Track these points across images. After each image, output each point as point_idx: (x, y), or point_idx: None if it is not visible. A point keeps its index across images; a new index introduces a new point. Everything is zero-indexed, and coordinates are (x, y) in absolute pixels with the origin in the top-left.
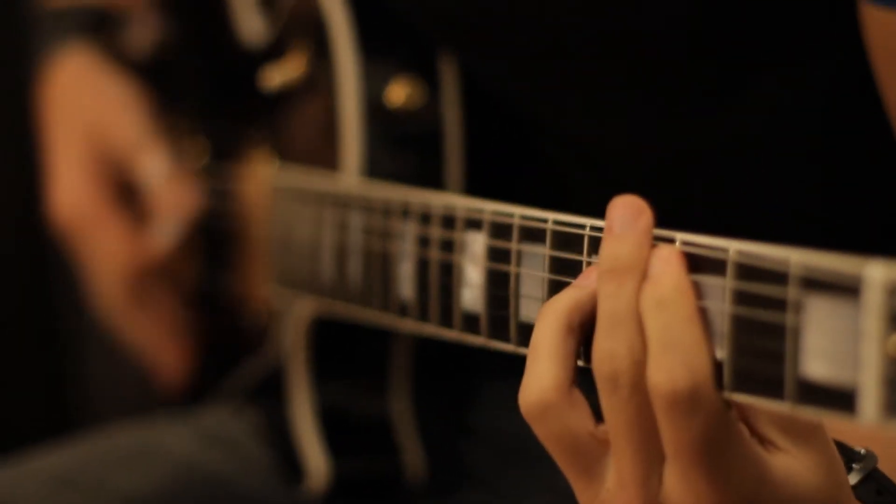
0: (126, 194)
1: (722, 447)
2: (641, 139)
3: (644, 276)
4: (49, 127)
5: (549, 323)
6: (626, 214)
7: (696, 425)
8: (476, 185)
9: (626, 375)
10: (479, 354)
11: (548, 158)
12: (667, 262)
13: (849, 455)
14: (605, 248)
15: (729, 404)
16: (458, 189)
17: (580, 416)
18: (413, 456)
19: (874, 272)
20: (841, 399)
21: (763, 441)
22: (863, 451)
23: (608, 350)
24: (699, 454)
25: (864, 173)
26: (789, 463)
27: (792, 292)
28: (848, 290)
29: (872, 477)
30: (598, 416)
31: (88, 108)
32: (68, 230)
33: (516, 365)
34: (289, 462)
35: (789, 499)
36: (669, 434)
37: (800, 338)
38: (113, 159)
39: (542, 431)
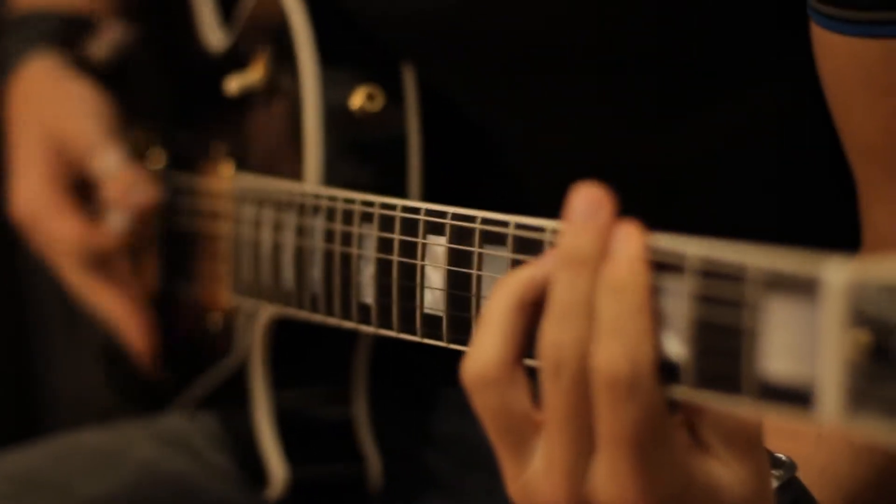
0: (84, 191)
1: (653, 444)
2: (600, 152)
3: (600, 264)
4: (11, 129)
5: (502, 296)
6: (587, 204)
7: (629, 414)
8: (435, 193)
9: (569, 364)
10: (439, 360)
11: (506, 168)
12: (625, 249)
13: (771, 460)
14: (564, 236)
15: (672, 404)
16: (419, 196)
17: (519, 394)
18: (372, 462)
19: (831, 272)
20: (799, 399)
21: (703, 447)
22: (784, 458)
23: (555, 338)
24: (630, 446)
25: (819, 189)
26: (721, 473)
27: (749, 292)
28: (805, 289)
29: (790, 486)
30: (537, 398)
31: (47, 111)
32: (25, 225)
33: None
34: (249, 467)
35: None
36: (603, 421)
37: (758, 338)
38: (70, 159)
39: (479, 403)
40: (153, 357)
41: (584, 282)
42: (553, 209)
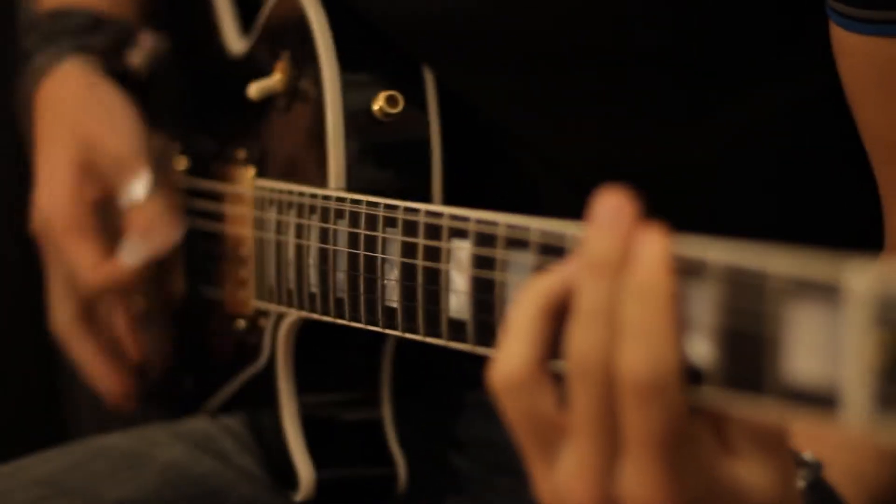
0: (106, 210)
1: (679, 446)
2: (612, 153)
3: (624, 269)
4: (39, 133)
5: (528, 302)
6: (611, 208)
7: (655, 417)
8: (457, 195)
9: (596, 368)
10: (463, 363)
11: (523, 168)
12: (649, 253)
13: (796, 461)
14: (588, 241)
15: (697, 407)
16: (441, 199)
17: (546, 397)
18: (399, 464)
19: (853, 276)
20: (825, 403)
21: (729, 448)
22: (810, 458)
23: (581, 343)
24: (656, 449)
25: (827, 190)
26: (747, 473)
27: (772, 299)
28: (828, 295)
29: (817, 486)
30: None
31: (80, 117)
32: (42, 237)
33: None
34: (276, 470)
35: None
36: (630, 425)
37: (782, 343)
38: (99, 173)
39: (507, 407)
40: (126, 398)
41: (608, 286)
42: (569, 209)
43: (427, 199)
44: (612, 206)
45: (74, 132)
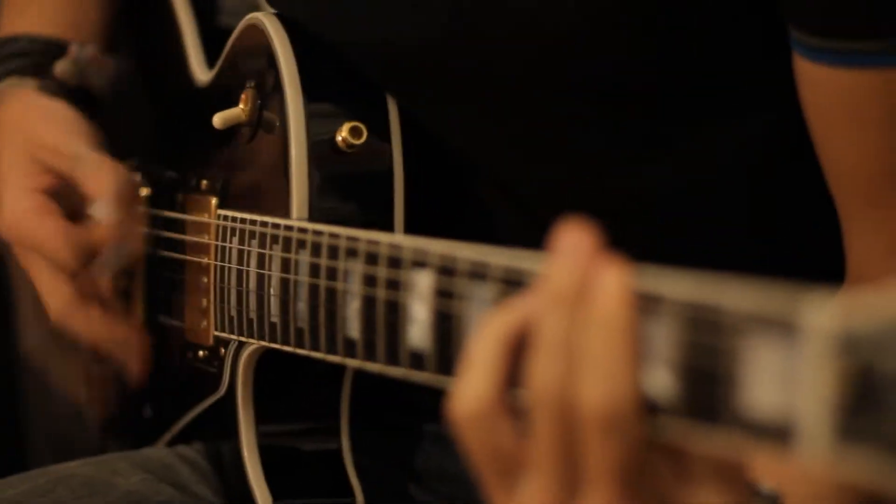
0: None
1: (639, 477)
2: (576, 185)
3: (585, 301)
4: None
5: (488, 335)
6: (572, 241)
7: (614, 449)
8: (416, 225)
9: (556, 401)
10: (420, 395)
11: (484, 199)
12: (608, 286)
13: (753, 491)
14: (549, 273)
15: (652, 437)
16: (401, 230)
17: (506, 429)
18: (357, 495)
19: (811, 313)
20: (783, 435)
21: (688, 476)
22: (768, 490)
23: (542, 376)
24: (616, 480)
25: (800, 219)
26: (706, 502)
27: (728, 334)
28: (786, 331)
29: None
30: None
31: (27, 126)
32: (11, 238)
33: None
34: (235, 499)
35: None
36: (590, 456)
37: (739, 377)
38: (49, 164)
39: (468, 440)
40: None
41: (568, 318)
42: (531, 239)
43: (389, 229)
44: (573, 238)
45: (19, 137)
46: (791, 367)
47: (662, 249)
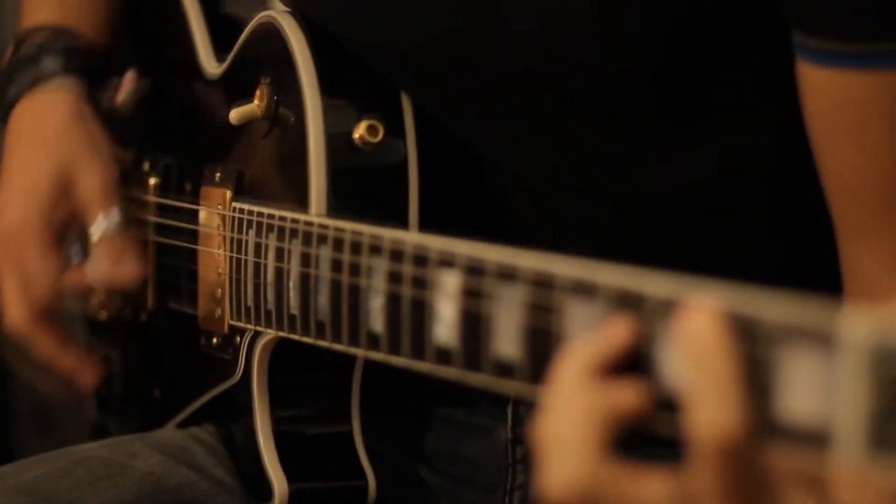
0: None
1: (762, 492)
2: (588, 181)
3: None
4: (16, 145)
5: (575, 358)
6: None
7: (740, 472)
8: (429, 220)
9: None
10: (432, 380)
11: (497, 193)
12: (705, 313)
13: None
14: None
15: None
16: (416, 226)
17: (626, 482)
18: (369, 477)
19: (850, 326)
20: (818, 443)
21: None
22: None
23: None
24: (742, 499)
25: (805, 222)
26: None
27: (766, 344)
28: (825, 343)
29: None
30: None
31: (68, 146)
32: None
33: (469, 392)
34: (250, 482)
35: None
36: (713, 479)
37: (776, 386)
38: (71, 199)
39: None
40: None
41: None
42: (544, 234)
43: (404, 223)
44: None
45: (57, 155)
46: (828, 376)
47: (667, 245)
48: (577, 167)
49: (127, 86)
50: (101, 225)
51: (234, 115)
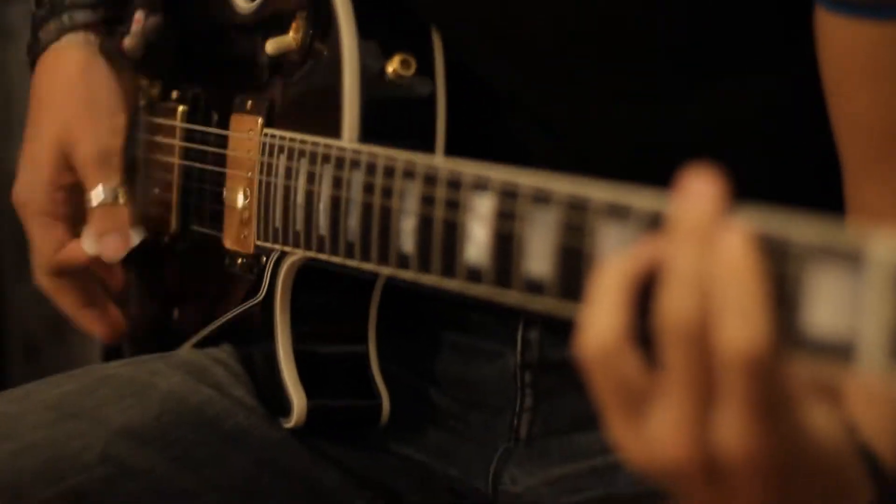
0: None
1: (776, 402)
2: (609, 125)
3: (715, 241)
4: (33, 106)
5: (615, 273)
6: (703, 183)
7: (756, 386)
8: (453, 154)
9: (692, 332)
10: (442, 305)
11: (519, 132)
12: (737, 231)
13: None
14: (681, 211)
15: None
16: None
17: (635, 363)
18: (383, 397)
19: (875, 245)
20: (843, 354)
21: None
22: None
23: (677, 308)
24: (757, 406)
25: (811, 175)
26: (820, 421)
27: (796, 261)
28: (850, 260)
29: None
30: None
31: (67, 111)
32: (20, 213)
33: (479, 319)
34: (269, 399)
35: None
36: (731, 388)
37: (801, 303)
38: (73, 164)
39: (598, 377)
40: (116, 333)
41: (700, 256)
42: (565, 170)
43: (430, 153)
44: (701, 181)
45: (59, 120)
46: (853, 293)
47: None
48: (606, 112)
49: (134, 27)
50: (98, 194)
51: (271, 45)
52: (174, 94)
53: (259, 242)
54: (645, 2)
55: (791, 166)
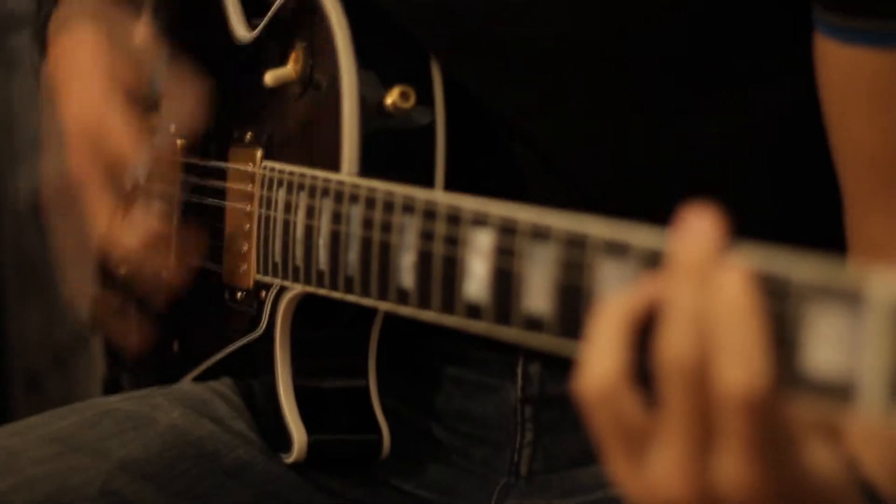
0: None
1: (775, 441)
2: (610, 151)
3: (714, 281)
4: (63, 88)
5: (614, 312)
6: (702, 221)
7: (756, 427)
8: (453, 188)
9: (692, 372)
10: (443, 339)
11: (519, 164)
12: (738, 272)
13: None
14: (679, 250)
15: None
16: (441, 189)
17: (635, 403)
18: (384, 432)
19: (875, 284)
20: (843, 395)
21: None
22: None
23: (676, 348)
24: (756, 446)
25: (815, 191)
26: (821, 459)
27: (795, 302)
28: (852, 302)
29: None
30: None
31: (91, 106)
32: (83, 135)
33: (479, 353)
34: (270, 434)
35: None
36: (729, 432)
37: (800, 343)
38: (105, 153)
39: (598, 417)
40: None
41: (698, 294)
42: (564, 200)
43: (430, 187)
44: (699, 219)
45: (85, 121)
46: (853, 333)
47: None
48: (600, 132)
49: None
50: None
51: (270, 77)
52: (172, 128)
53: (258, 277)
54: (646, 21)
55: (794, 181)
